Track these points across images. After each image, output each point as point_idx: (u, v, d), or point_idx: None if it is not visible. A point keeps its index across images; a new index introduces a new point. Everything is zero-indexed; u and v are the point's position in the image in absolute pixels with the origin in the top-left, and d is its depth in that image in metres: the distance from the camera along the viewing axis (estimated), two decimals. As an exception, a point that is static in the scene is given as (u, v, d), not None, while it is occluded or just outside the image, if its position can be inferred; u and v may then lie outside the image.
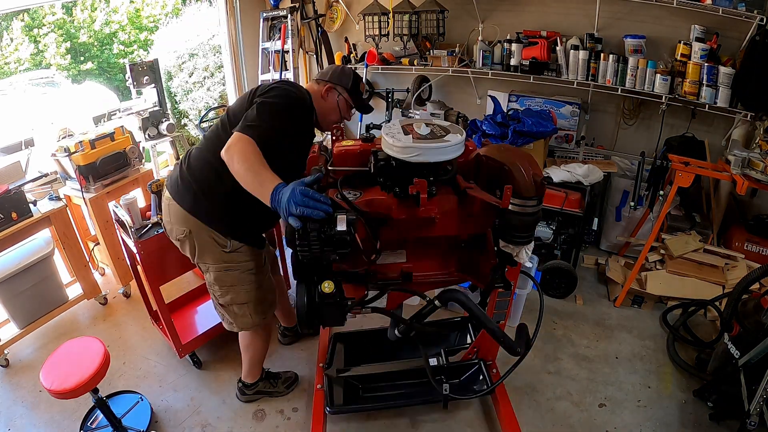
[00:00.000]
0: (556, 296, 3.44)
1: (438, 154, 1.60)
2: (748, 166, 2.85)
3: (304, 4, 4.52)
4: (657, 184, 3.22)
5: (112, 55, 10.12)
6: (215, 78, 6.93)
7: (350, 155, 1.88)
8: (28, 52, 9.08)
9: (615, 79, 3.46)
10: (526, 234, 1.67)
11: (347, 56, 4.47)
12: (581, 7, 3.60)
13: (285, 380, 2.75)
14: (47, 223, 3.10)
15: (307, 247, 1.48)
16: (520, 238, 1.67)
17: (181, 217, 2.09)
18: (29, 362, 3.03)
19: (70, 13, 9.86)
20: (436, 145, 1.59)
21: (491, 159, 1.69)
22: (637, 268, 3.27)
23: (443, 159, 1.62)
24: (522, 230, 1.65)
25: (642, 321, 3.25)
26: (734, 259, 3.27)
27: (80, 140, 3.15)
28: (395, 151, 1.62)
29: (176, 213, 2.11)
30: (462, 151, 1.69)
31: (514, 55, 3.67)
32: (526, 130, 3.23)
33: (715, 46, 3.20)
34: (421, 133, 1.66)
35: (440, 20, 3.88)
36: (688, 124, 3.51)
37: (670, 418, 2.57)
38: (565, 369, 2.89)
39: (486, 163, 1.71)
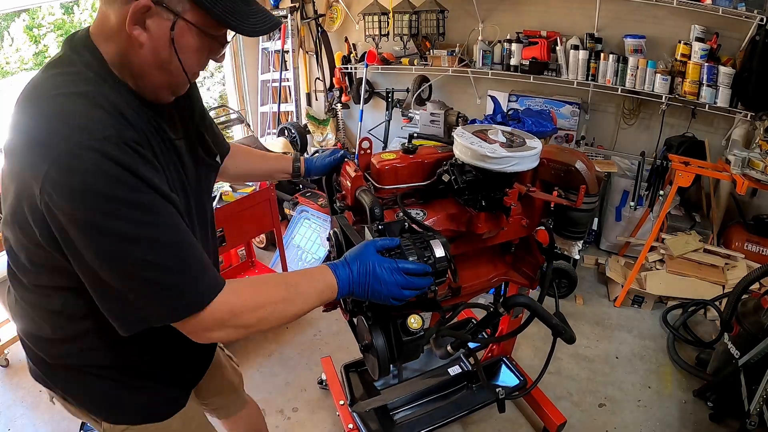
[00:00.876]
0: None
1: (530, 162, 1.51)
2: (748, 166, 2.86)
3: (304, 4, 4.53)
4: (657, 183, 3.22)
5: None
6: (215, 78, 6.93)
7: (400, 171, 1.65)
8: (31, 51, 9.08)
9: (615, 78, 3.46)
10: (584, 229, 1.68)
11: (347, 56, 4.48)
12: (581, 7, 3.60)
13: None
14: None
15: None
16: (579, 233, 1.67)
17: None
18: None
19: (69, 12, 9.86)
20: (528, 153, 1.49)
21: (553, 161, 1.62)
22: (637, 268, 3.27)
23: (532, 166, 1.54)
24: (582, 226, 1.65)
25: (642, 321, 3.25)
26: (734, 259, 3.27)
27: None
28: (489, 161, 1.48)
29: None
30: None
31: (514, 55, 3.68)
32: (526, 130, 3.23)
33: (715, 46, 3.20)
34: (499, 140, 1.56)
35: (440, 20, 3.89)
36: (688, 124, 3.52)
37: (670, 418, 2.57)
38: (565, 369, 2.89)
39: (547, 165, 1.63)
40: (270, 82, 4.83)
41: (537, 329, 3.17)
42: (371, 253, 1.10)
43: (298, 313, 1.04)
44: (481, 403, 2.37)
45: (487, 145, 1.49)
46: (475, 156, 1.50)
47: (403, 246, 1.18)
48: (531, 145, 1.53)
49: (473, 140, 1.53)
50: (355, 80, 4.57)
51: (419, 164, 1.67)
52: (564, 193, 1.56)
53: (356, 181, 1.57)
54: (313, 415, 2.61)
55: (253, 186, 3.01)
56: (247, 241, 3.50)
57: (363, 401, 2.38)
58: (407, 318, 1.24)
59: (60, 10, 9.70)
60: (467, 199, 1.56)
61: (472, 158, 1.51)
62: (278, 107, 4.75)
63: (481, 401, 2.36)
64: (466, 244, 1.65)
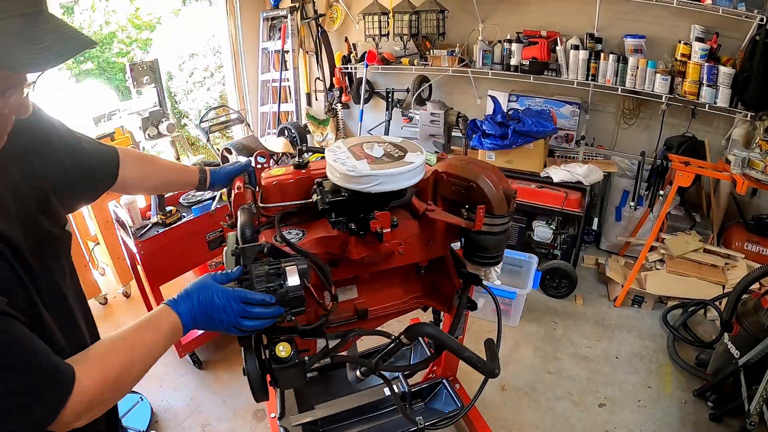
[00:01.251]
0: (556, 296, 3.44)
1: (401, 180, 1.33)
2: (748, 166, 2.86)
3: (304, 3, 4.53)
4: (657, 183, 3.22)
5: (111, 54, 10.13)
6: (215, 78, 6.94)
7: (286, 188, 1.49)
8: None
9: (615, 78, 3.46)
10: (496, 254, 1.47)
11: (347, 56, 4.48)
12: (581, 7, 3.60)
13: None
14: (47, 224, 3.10)
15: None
16: (490, 259, 1.46)
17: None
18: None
19: (69, 12, 9.88)
20: (398, 170, 1.32)
21: (453, 176, 1.44)
22: (637, 268, 3.27)
23: (407, 185, 1.37)
24: (492, 251, 1.45)
25: (642, 321, 3.25)
26: (734, 259, 3.27)
27: (80, 140, 3.14)
28: (350, 181, 1.31)
29: None
30: (424, 172, 1.45)
31: (514, 55, 3.68)
32: (526, 130, 3.24)
33: (715, 45, 3.20)
34: (374, 155, 1.39)
35: (440, 20, 3.88)
36: (688, 124, 3.52)
37: (670, 418, 2.57)
38: (565, 369, 2.89)
39: (447, 180, 1.45)
40: (270, 82, 4.83)
41: (537, 328, 3.18)
42: (210, 284, 1.08)
43: (152, 364, 1.00)
44: (413, 428, 2.15)
45: (349, 163, 1.33)
46: (335, 175, 1.36)
47: (255, 274, 1.12)
48: (409, 159, 1.36)
49: (339, 156, 1.37)
50: (355, 80, 4.57)
51: (306, 180, 1.52)
52: (467, 214, 1.39)
53: (237, 199, 1.48)
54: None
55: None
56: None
57: (293, 416, 2.26)
58: (276, 345, 1.21)
59: (60, 10, 9.73)
60: (334, 222, 1.40)
61: (333, 177, 1.36)
62: (278, 107, 4.75)
63: (409, 427, 2.19)
64: (354, 268, 1.49)
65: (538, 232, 3.46)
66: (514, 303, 3.09)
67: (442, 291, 1.67)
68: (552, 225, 3.44)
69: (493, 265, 1.50)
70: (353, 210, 1.38)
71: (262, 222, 1.49)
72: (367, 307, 1.60)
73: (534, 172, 3.47)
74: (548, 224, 3.44)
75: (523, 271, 3.38)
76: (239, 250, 1.21)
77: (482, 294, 3.09)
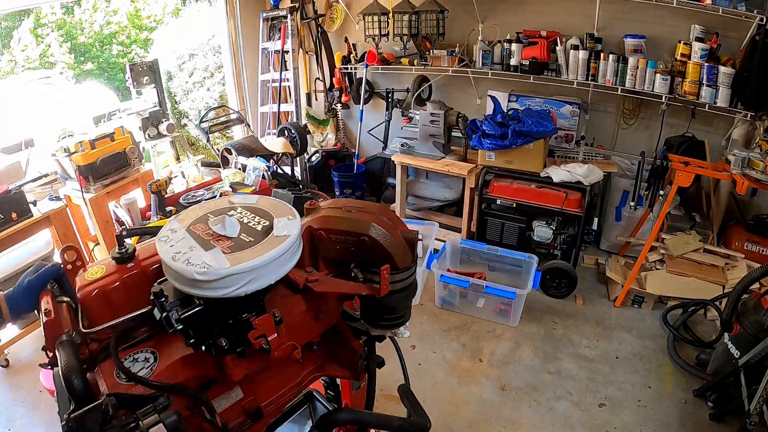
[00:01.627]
0: (556, 296, 3.44)
1: (279, 267, 0.95)
2: (748, 166, 2.85)
3: (304, 4, 4.52)
4: (657, 183, 3.22)
5: (111, 55, 10.14)
6: (215, 78, 6.94)
7: (111, 296, 1.02)
8: (38, 52, 9.12)
9: (615, 79, 3.46)
10: (405, 311, 1.20)
11: (347, 56, 4.48)
12: (581, 7, 3.60)
13: None
14: (47, 224, 3.10)
15: None
16: (398, 319, 1.20)
17: None
18: (29, 363, 3.03)
19: (70, 12, 9.90)
20: (271, 254, 0.92)
21: (334, 231, 1.08)
22: (637, 268, 3.27)
23: (288, 270, 0.98)
24: (401, 309, 1.18)
25: (642, 321, 3.25)
26: (734, 259, 3.27)
27: (80, 140, 3.15)
28: (204, 287, 0.89)
29: None
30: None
31: (514, 55, 3.67)
32: (526, 130, 3.23)
33: (715, 45, 3.20)
34: (228, 234, 0.97)
35: (440, 20, 3.89)
36: (688, 124, 3.52)
37: (670, 418, 2.57)
38: (565, 369, 2.89)
39: (327, 238, 1.08)
40: (270, 82, 4.83)
41: (537, 328, 3.18)
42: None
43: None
44: None
45: (196, 258, 0.90)
46: (185, 282, 0.91)
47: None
48: (280, 230, 0.97)
49: (179, 249, 0.93)
50: (355, 80, 4.57)
51: (139, 277, 1.06)
52: (362, 274, 1.10)
53: (50, 327, 0.98)
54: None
55: (253, 186, 3.00)
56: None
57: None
58: None
59: (61, 9, 9.74)
60: (195, 344, 0.96)
61: (183, 285, 0.92)
62: (278, 107, 4.74)
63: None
64: (235, 381, 1.09)
65: (538, 232, 3.46)
66: (513, 303, 3.09)
67: (341, 358, 1.31)
68: (552, 225, 3.43)
69: (402, 324, 1.22)
70: (217, 323, 0.96)
71: (93, 350, 1.02)
72: (258, 404, 1.17)
73: (534, 172, 3.47)
74: (548, 224, 3.44)
75: (523, 271, 3.38)
76: (73, 422, 0.85)
77: (482, 294, 3.14)
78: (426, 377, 2.82)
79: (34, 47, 9.05)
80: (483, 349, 3.04)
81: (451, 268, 3.49)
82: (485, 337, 3.14)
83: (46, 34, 9.35)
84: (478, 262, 3.57)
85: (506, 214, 3.62)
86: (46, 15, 9.47)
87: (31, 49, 9.03)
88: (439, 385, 2.77)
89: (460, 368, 2.90)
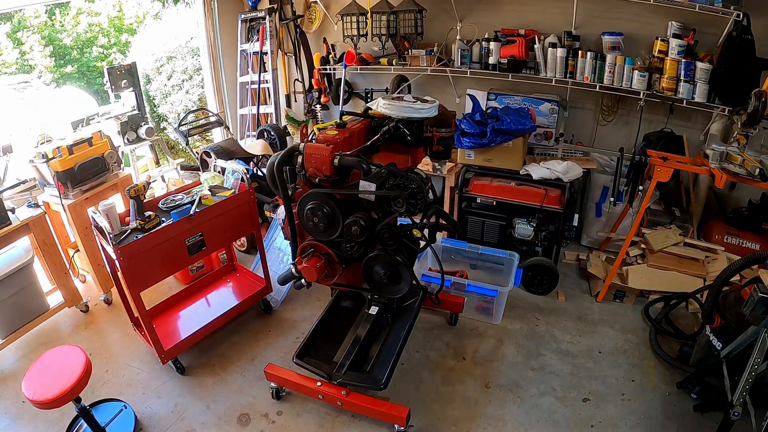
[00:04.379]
0: (538, 293, 3.46)
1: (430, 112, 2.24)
2: (726, 160, 2.87)
3: (283, 5, 4.49)
4: (636, 179, 3.24)
5: (92, 58, 10.01)
6: (194, 81, 6.85)
7: (351, 139, 2.14)
8: (14, 56, 8.96)
9: (593, 76, 3.47)
10: (450, 152, 2.55)
11: (326, 57, 4.46)
12: (559, 5, 3.61)
13: None
14: (26, 231, 3.05)
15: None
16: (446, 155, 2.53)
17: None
18: (11, 373, 2.98)
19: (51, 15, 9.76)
20: (434, 104, 2.27)
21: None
22: (618, 263, 3.29)
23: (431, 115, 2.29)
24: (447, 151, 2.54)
25: (624, 315, 3.28)
26: (714, 252, 3.31)
27: (58, 146, 3.10)
28: (418, 113, 2.19)
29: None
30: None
31: (493, 54, 3.67)
32: (505, 128, 3.24)
33: (692, 42, 3.22)
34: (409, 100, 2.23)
35: (418, 20, 3.87)
36: (666, 120, 3.54)
37: (654, 410, 2.59)
38: (548, 365, 2.90)
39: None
40: (249, 84, 4.79)
41: (519, 325, 3.19)
42: None
43: None
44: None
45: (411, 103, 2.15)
46: (409, 112, 2.13)
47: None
48: (427, 100, 2.24)
49: (404, 103, 2.19)
50: (334, 81, 4.55)
51: (352, 133, 2.18)
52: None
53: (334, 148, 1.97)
54: (298, 418, 2.60)
55: (232, 189, 2.98)
56: (228, 245, 3.47)
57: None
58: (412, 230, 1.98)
59: (45, 13, 9.60)
60: (412, 142, 2.25)
61: (407, 114, 2.15)
62: (257, 109, 4.72)
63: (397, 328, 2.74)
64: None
65: (518, 230, 3.47)
66: (495, 300, 3.10)
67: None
68: (533, 222, 3.44)
69: (447, 158, 2.61)
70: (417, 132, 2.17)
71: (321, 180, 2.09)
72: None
73: (514, 170, 3.48)
74: (529, 222, 3.45)
75: (505, 269, 3.39)
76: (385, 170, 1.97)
77: (464, 293, 3.14)
78: (410, 376, 2.81)
79: (10, 51, 8.89)
80: (466, 347, 3.04)
81: (432, 268, 3.49)
82: (468, 335, 3.14)
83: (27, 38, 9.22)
84: (460, 261, 3.57)
85: (487, 212, 3.63)
86: (28, 18, 9.33)
87: (7, 53, 8.87)
88: (423, 385, 2.77)
89: (443, 367, 2.90)
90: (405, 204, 1.82)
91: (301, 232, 2.26)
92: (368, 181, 1.84)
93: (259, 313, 3.38)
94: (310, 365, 2.56)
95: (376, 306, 2.66)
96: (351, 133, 2.15)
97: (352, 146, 2.12)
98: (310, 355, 2.65)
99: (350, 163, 1.93)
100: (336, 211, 1.98)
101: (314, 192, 2.00)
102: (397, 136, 2.16)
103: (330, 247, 2.18)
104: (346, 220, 2.01)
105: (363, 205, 2.01)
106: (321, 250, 2.23)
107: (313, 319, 3.20)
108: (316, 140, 2.08)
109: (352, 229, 1.98)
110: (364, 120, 2.32)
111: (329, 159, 1.94)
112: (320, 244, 2.21)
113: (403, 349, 2.66)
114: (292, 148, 2.13)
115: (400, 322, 2.78)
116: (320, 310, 3.00)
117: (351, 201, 2.04)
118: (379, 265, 2.09)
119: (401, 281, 2.06)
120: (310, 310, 3.39)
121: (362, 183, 1.87)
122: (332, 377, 2.47)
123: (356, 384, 2.48)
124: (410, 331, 2.74)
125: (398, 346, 2.59)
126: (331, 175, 1.97)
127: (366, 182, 1.85)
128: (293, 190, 2.14)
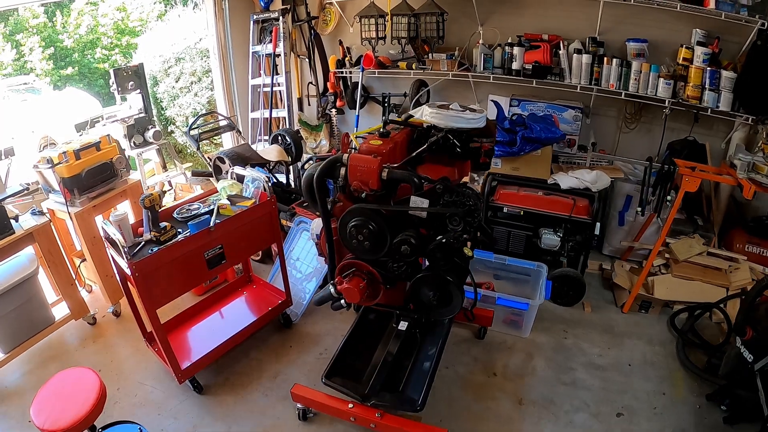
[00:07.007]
0: (564, 304, 3.40)
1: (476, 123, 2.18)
2: (753, 170, 2.85)
3: (296, 5, 4.38)
4: (663, 189, 3.19)
5: (93, 60, 9.79)
6: (203, 83, 6.65)
7: (395, 150, 2.06)
8: (10, 57, 8.71)
9: (618, 83, 3.43)
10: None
11: (342, 60, 4.35)
12: (583, 10, 3.56)
13: None
14: (30, 240, 2.90)
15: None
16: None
17: None
18: (16, 389, 2.83)
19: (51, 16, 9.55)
20: (483, 114, 2.21)
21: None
22: (645, 273, 3.24)
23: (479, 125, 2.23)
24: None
25: (650, 326, 3.23)
26: (737, 261, 3.28)
27: (64, 150, 2.94)
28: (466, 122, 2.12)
29: None
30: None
31: (516, 59, 3.61)
32: (535, 137, 3.18)
33: (717, 50, 3.19)
34: (457, 108, 2.17)
35: (440, 23, 3.79)
36: (691, 128, 3.50)
37: (686, 423, 2.55)
38: (579, 379, 2.84)
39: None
40: (261, 86, 4.66)
41: (547, 338, 3.12)
42: None
43: None
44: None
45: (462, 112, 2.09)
46: (457, 122, 2.06)
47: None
48: (475, 109, 2.20)
49: (453, 110, 2.13)
50: (351, 84, 4.45)
51: (396, 142, 2.10)
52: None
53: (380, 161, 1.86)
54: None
55: (253, 199, 2.85)
56: (246, 258, 3.33)
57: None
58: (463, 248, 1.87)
59: (44, 14, 9.40)
60: (460, 154, 2.15)
61: (454, 123, 2.08)
62: (270, 113, 4.59)
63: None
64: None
65: (545, 240, 3.39)
66: (525, 314, 3.03)
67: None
68: (559, 232, 3.38)
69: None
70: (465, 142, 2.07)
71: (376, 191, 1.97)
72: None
73: (541, 179, 3.41)
74: (555, 232, 3.37)
75: (531, 280, 3.32)
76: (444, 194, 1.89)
77: (492, 306, 3.06)
78: (441, 394, 2.72)
79: (8, 52, 8.66)
80: (496, 361, 2.96)
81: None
82: (497, 348, 3.06)
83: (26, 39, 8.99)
84: (483, 271, 3.49)
85: (512, 221, 3.54)
86: (27, 18, 9.11)
87: (5, 54, 8.64)
88: (455, 402, 2.69)
89: (474, 383, 2.82)
90: (461, 222, 1.71)
91: (338, 250, 2.13)
92: (420, 197, 1.72)
93: (277, 326, 3.25)
94: (341, 386, 2.44)
95: (405, 321, 2.56)
96: (395, 144, 2.03)
97: (395, 158, 2.01)
98: (340, 374, 2.53)
99: (400, 177, 1.81)
100: (384, 229, 1.83)
101: (359, 207, 1.84)
102: (446, 147, 2.04)
103: (373, 266, 2.06)
104: (395, 239, 1.88)
105: (413, 222, 1.88)
106: (363, 269, 2.10)
107: (336, 333, 3.11)
108: (359, 150, 1.95)
109: (401, 248, 1.85)
110: (405, 128, 2.21)
111: (377, 172, 1.80)
112: (362, 262, 2.08)
113: (438, 367, 2.57)
114: (334, 158, 1.98)
115: (430, 336, 2.69)
116: (342, 323, 2.90)
117: (399, 217, 1.90)
118: (429, 286, 1.97)
119: (452, 302, 1.95)
120: (332, 323, 3.27)
121: (413, 199, 1.75)
122: (365, 399, 2.36)
123: (391, 406, 2.39)
124: (443, 348, 2.65)
125: (432, 363, 2.50)
126: (378, 189, 1.84)
127: (418, 198, 1.73)
128: (332, 204, 2.02)
